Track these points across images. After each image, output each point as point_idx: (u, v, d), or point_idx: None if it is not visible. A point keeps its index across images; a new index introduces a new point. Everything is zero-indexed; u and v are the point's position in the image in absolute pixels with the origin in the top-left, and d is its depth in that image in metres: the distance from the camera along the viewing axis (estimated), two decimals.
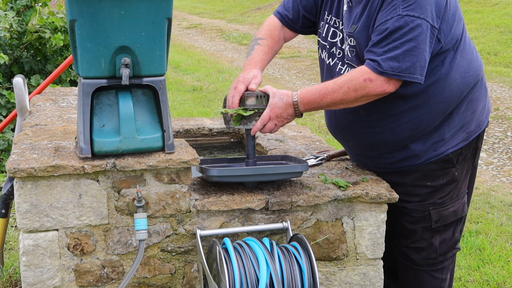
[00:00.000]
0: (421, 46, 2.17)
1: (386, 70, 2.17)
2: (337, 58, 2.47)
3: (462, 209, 2.53)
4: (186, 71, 10.32)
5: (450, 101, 2.36)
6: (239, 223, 2.35)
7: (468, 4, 13.24)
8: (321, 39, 2.57)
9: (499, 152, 5.80)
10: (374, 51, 2.21)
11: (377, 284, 2.53)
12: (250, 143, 2.41)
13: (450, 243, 2.55)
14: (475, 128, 2.47)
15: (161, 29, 2.15)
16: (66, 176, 2.17)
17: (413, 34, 2.15)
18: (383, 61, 2.17)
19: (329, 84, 2.27)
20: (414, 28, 2.15)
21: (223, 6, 22.09)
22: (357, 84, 2.21)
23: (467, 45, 2.41)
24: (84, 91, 2.15)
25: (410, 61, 2.16)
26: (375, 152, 2.48)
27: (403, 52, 2.16)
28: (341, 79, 2.26)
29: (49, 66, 5.23)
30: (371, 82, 2.19)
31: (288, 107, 2.30)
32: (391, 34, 2.17)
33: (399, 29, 2.16)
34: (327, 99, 2.26)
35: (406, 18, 2.16)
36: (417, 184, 2.46)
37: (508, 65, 9.10)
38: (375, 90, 2.20)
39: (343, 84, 2.23)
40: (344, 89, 2.23)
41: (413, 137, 2.39)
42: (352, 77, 2.22)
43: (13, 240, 3.70)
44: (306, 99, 2.29)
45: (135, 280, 2.34)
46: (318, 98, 2.27)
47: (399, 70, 2.17)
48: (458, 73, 2.35)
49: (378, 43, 2.20)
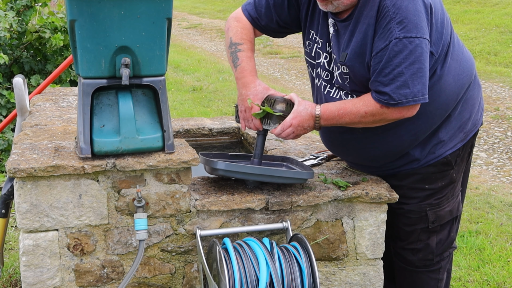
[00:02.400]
0: (424, 65, 2.15)
1: (400, 100, 2.15)
2: (323, 80, 2.43)
3: (457, 208, 2.54)
4: (186, 71, 10.32)
5: (447, 105, 2.35)
6: (239, 223, 2.35)
7: (468, 4, 13.23)
8: (308, 57, 2.52)
9: (499, 152, 5.80)
10: (379, 81, 2.17)
11: (377, 284, 2.53)
12: (261, 143, 2.42)
13: (446, 242, 2.55)
14: (471, 127, 2.47)
15: (161, 29, 2.15)
16: (66, 176, 2.17)
17: (415, 55, 2.12)
18: (393, 92, 2.14)
19: (348, 105, 2.26)
20: (414, 49, 2.12)
21: (223, 6, 22.08)
22: (374, 110, 2.20)
23: (457, 46, 2.39)
24: (84, 91, 2.14)
25: (419, 83, 2.14)
26: (375, 164, 2.49)
27: (410, 76, 2.13)
28: (360, 102, 2.24)
29: (49, 66, 5.23)
30: (388, 109, 2.19)
31: (310, 119, 2.30)
32: (392, 59, 2.13)
33: (399, 53, 2.12)
34: (345, 119, 2.27)
35: (404, 41, 2.11)
36: (415, 187, 2.45)
37: (508, 65, 9.10)
38: (393, 116, 2.21)
39: (360, 108, 2.23)
40: (361, 113, 2.23)
41: (412, 145, 2.39)
42: (370, 103, 2.21)
43: (13, 240, 3.70)
44: (327, 115, 2.29)
45: (135, 280, 2.34)
46: (337, 117, 2.28)
47: (413, 96, 2.14)
48: (451, 76, 2.33)
49: (381, 72, 2.16)
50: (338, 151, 2.59)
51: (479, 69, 8.52)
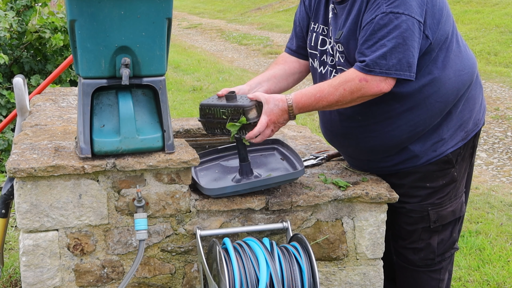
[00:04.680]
0: (407, 42, 2.16)
1: (374, 68, 2.16)
2: (329, 65, 2.46)
3: (460, 209, 2.53)
4: (186, 71, 10.33)
5: (447, 100, 2.36)
6: (239, 223, 2.35)
7: (468, 4, 13.24)
8: (310, 48, 2.56)
9: (499, 152, 5.80)
10: (361, 52, 2.21)
11: (377, 284, 2.53)
12: (243, 149, 2.39)
13: (448, 243, 2.55)
14: (472, 126, 2.47)
15: (161, 29, 2.15)
16: (66, 176, 2.17)
17: (399, 31, 2.15)
18: (370, 60, 2.17)
19: (324, 87, 2.26)
20: (399, 24, 2.15)
21: (223, 6, 22.09)
22: (353, 86, 2.20)
23: (459, 43, 2.40)
24: (84, 91, 2.14)
25: (396, 58, 2.16)
26: (374, 156, 2.48)
27: (390, 49, 2.15)
28: (336, 81, 2.25)
29: (49, 66, 5.23)
30: (367, 83, 2.18)
31: (284, 113, 2.29)
32: (377, 32, 2.17)
33: (384, 26, 2.16)
34: (322, 102, 2.26)
35: (391, 16, 2.15)
36: (416, 186, 2.45)
37: (508, 65, 9.10)
38: (371, 90, 2.20)
39: (339, 86, 2.22)
40: (340, 91, 2.22)
41: (412, 138, 2.38)
42: (347, 79, 2.21)
43: (13, 240, 3.70)
44: (302, 103, 2.28)
45: (135, 280, 2.34)
46: (313, 102, 2.27)
47: (387, 68, 2.16)
48: (452, 71, 2.34)
49: (364, 43, 2.20)
50: (338, 142, 2.58)
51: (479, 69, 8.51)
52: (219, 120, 2.31)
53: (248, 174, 2.40)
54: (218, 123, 2.32)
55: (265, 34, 14.66)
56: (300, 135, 3.15)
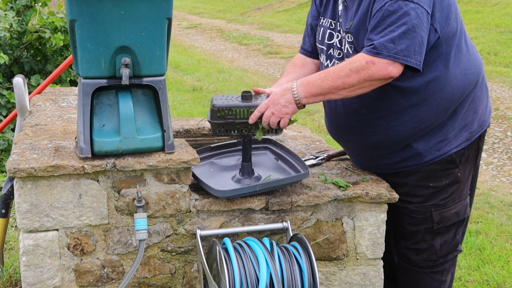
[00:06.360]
0: (416, 30, 2.16)
1: (382, 51, 2.15)
2: (335, 59, 2.47)
3: (464, 211, 2.52)
4: (186, 71, 10.32)
5: (452, 98, 2.35)
6: (239, 223, 2.35)
7: (468, 4, 13.24)
8: (318, 43, 2.57)
9: (499, 152, 5.80)
10: (371, 37, 2.21)
11: (377, 284, 2.53)
12: (249, 149, 2.40)
13: (451, 245, 2.55)
14: (477, 128, 2.47)
15: (161, 29, 2.15)
16: (66, 176, 2.17)
17: (408, 17, 2.15)
18: (378, 43, 2.17)
19: (330, 68, 2.27)
20: (408, 11, 2.15)
21: (223, 6, 22.10)
22: (359, 66, 2.17)
23: (467, 43, 2.41)
24: (84, 91, 2.15)
25: (404, 43, 2.15)
26: (377, 152, 2.48)
27: (398, 34, 2.15)
28: (343, 62, 2.25)
29: (49, 66, 5.23)
30: (374, 65, 2.16)
31: (286, 92, 2.27)
32: (386, 18, 2.18)
33: (393, 13, 2.17)
34: (328, 82, 2.22)
35: (400, 2, 2.16)
36: (419, 185, 2.45)
37: (508, 65, 9.10)
38: (378, 73, 2.16)
39: (345, 67, 2.20)
40: (346, 71, 2.19)
41: (416, 136, 2.38)
42: (354, 60, 2.20)
43: (13, 240, 3.70)
44: (306, 81, 2.26)
45: (135, 280, 2.34)
46: (318, 80, 2.23)
47: (395, 52, 2.15)
48: (458, 69, 2.34)
49: (374, 29, 2.21)
50: (341, 136, 2.57)
51: None
52: (242, 120, 2.31)
53: (250, 174, 2.40)
54: (240, 123, 2.31)
55: (265, 34, 14.67)
56: (300, 135, 3.15)
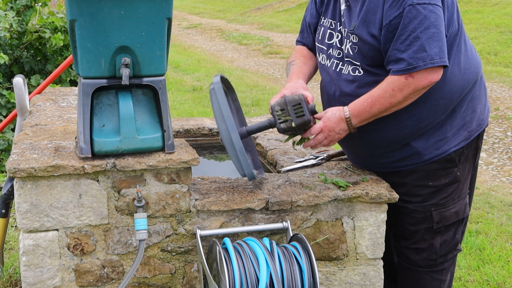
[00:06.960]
0: (439, 30, 2.17)
1: (418, 64, 2.16)
2: (334, 58, 2.47)
3: (463, 210, 2.53)
4: (186, 71, 10.33)
5: (451, 97, 2.35)
6: (239, 223, 2.35)
7: (468, 4, 13.24)
8: (318, 42, 2.58)
9: (499, 152, 5.81)
10: (397, 48, 2.20)
11: (377, 284, 2.53)
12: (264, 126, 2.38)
13: (451, 244, 2.55)
14: (476, 127, 2.47)
15: (161, 29, 2.15)
16: (66, 176, 2.17)
17: (430, 20, 2.15)
18: (410, 57, 2.16)
19: (374, 91, 2.27)
20: (429, 14, 2.15)
21: (223, 6, 22.10)
22: (401, 84, 2.20)
23: (466, 42, 2.42)
24: (84, 91, 2.15)
25: (436, 46, 2.16)
26: (376, 151, 2.48)
27: (426, 40, 2.15)
28: (383, 84, 2.25)
29: (49, 66, 5.23)
30: (413, 78, 2.18)
31: (341, 121, 2.31)
32: (407, 25, 2.16)
33: (414, 19, 2.16)
34: (376, 106, 2.26)
35: (418, 7, 2.16)
36: (419, 184, 2.45)
37: (508, 65, 9.10)
38: (421, 84, 2.19)
39: (387, 87, 2.23)
40: (389, 92, 2.22)
41: (415, 134, 2.38)
42: (393, 79, 2.22)
43: (13, 240, 3.70)
44: (356, 110, 2.29)
45: (135, 280, 2.34)
46: (367, 107, 2.27)
47: (430, 58, 2.15)
48: (457, 68, 2.35)
49: (398, 39, 2.19)
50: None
51: None
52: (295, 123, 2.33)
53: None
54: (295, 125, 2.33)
55: (265, 34, 14.68)
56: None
